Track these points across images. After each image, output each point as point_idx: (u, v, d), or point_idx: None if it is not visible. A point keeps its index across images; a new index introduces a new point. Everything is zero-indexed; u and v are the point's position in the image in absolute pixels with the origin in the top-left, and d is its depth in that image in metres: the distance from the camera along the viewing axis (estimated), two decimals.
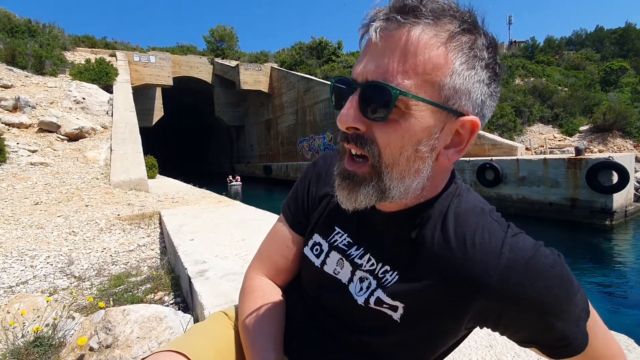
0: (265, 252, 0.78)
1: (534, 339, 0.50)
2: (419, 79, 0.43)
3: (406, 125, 0.45)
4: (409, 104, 0.44)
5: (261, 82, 25.79)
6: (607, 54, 29.74)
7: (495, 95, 0.49)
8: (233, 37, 32.46)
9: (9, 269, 3.37)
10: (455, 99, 0.45)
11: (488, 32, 0.47)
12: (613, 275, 6.16)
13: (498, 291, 0.47)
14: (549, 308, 0.47)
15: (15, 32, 16.85)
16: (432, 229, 0.54)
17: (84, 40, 24.11)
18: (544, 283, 0.46)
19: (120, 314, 1.57)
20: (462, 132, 0.47)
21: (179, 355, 0.61)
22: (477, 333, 1.29)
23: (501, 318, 0.50)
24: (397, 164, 0.47)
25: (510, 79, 20.02)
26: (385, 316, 0.56)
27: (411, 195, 0.51)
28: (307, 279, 0.71)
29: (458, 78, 0.44)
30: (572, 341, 0.49)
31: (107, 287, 2.91)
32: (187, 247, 2.73)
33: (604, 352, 0.52)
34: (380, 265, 0.59)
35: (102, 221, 4.93)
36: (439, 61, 0.43)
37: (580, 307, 0.49)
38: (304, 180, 0.76)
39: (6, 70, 12.05)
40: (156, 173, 12.51)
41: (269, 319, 0.69)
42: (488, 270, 0.47)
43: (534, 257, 0.47)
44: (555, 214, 9.43)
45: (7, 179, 7.01)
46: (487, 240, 0.49)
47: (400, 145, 0.46)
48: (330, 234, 0.68)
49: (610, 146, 14.68)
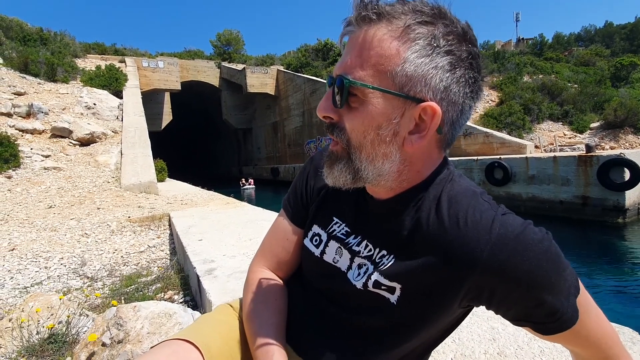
0: (267, 246, 0.81)
1: (525, 316, 0.52)
2: (372, 69, 0.49)
3: (365, 111, 0.51)
4: (365, 92, 0.50)
5: (268, 85, 25.96)
6: (617, 50, 29.29)
7: (465, 81, 0.50)
8: (239, 41, 32.80)
9: (24, 270, 3.47)
10: (410, 86, 0.48)
11: (455, 21, 0.49)
12: (626, 274, 6.05)
13: (489, 265, 0.49)
14: (539, 281, 0.48)
15: (28, 40, 17.27)
16: (426, 212, 0.56)
17: (94, 47, 24.60)
18: (533, 256, 0.48)
19: (131, 310, 1.61)
20: (425, 118, 0.50)
21: (187, 343, 0.64)
22: (480, 326, 1.31)
23: (494, 294, 0.52)
24: (364, 147, 0.53)
25: (518, 77, 19.78)
26: (384, 298, 0.58)
27: (389, 178, 0.55)
28: (308, 269, 0.74)
29: (410, 66, 0.47)
30: (562, 315, 0.50)
31: (118, 287, 2.98)
32: (195, 247, 2.78)
33: (596, 330, 0.54)
34: (378, 250, 0.61)
35: (113, 223, 5.03)
36: (390, 52, 0.48)
37: (569, 282, 0.51)
38: (302, 175, 0.79)
39: (19, 77, 12.36)
40: (165, 176, 12.69)
41: (271, 308, 0.71)
42: (480, 246, 0.50)
43: (523, 232, 0.50)
44: (566, 213, 9.28)
45: (22, 183, 7.20)
46: (479, 219, 0.52)
47: (363, 130, 0.52)
48: (328, 224, 0.70)
49: (622, 143, 14.40)
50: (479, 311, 1.42)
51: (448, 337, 1.30)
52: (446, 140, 0.55)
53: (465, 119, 0.54)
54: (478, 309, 1.44)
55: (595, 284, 5.65)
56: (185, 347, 0.64)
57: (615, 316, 4.26)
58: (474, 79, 0.51)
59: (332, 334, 0.66)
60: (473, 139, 12.58)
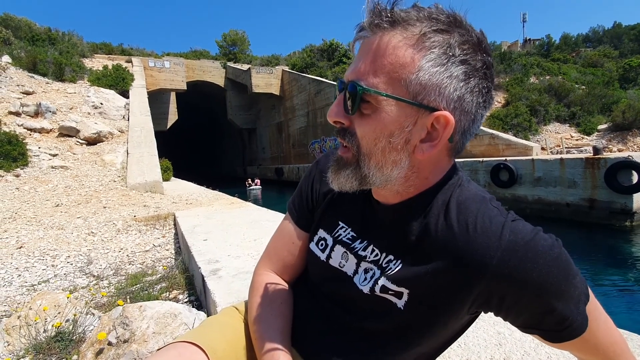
0: (272, 249, 0.82)
1: (534, 323, 0.52)
2: (386, 77, 0.48)
3: (378, 118, 0.50)
4: (378, 100, 0.49)
5: (272, 85, 26.03)
6: (625, 51, 28.91)
7: (478, 91, 0.50)
8: (245, 41, 32.92)
9: (32, 268, 3.51)
10: (424, 94, 0.48)
11: (470, 29, 0.49)
12: (633, 278, 5.97)
13: (499, 272, 0.49)
14: (549, 288, 0.48)
15: (36, 40, 17.47)
16: (435, 217, 0.56)
17: (101, 47, 24.84)
18: (543, 263, 0.48)
19: (137, 310, 1.62)
20: (438, 127, 0.50)
21: (193, 345, 0.65)
22: (486, 331, 1.30)
23: (503, 300, 0.51)
24: (374, 154, 0.52)
25: (525, 78, 19.63)
26: (391, 303, 0.58)
27: (395, 184, 0.55)
28: (314, 273, 0.74)
29: (425, 74, 0.47)
30: (572, 323, 0.50)
31: (124, 285, 3.00)
32: (200, 247, 2.79)
33: (605, 338, 0.53)
34: (384, 255, 0.61)
35: (119, 222, 5.07)
36: (405, 60, 0.47)
37: (579, 290, 0.50)
38: (307, 179, 0.79)
39: (28, 77, 12.51)
40: (171, 176, 12.77)
41: (276, 312, 0.72)
42: (490, 252, 0.49)
43: (533, 239, 0.49)
44: (572, 215, 9.19)
45: (30, 182, 7.28)
46: (488, 225, 0.52)
47: (374, 137, 0.51)
48: (334, 228, 0.70)
49: (630, 145, 14.23)
50: (485, 316, 1.41)
51: (454, 342, 1.29)
52: (456, 149, 0.55)
53: (476, 128, 0.53)
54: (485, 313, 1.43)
55: (602, 288, 5.58)
56: (192, 350, 0.65)
57: (623, 322, 4.21)
58: (487, 88, 0.50)
59: (338, 338, 0.66)
60: (479, 140, 12.51)
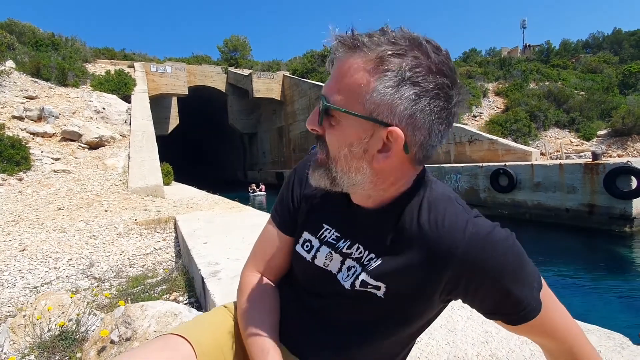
0: (257, 251, 0.87)
1: (496, 308, 0.60)
2: (346, 95, 0.56)
3: (340, 130, 0.58)
4: (340, 114, 0.57)
5: (273, 90, 26.18)
6: (625, 57, 29.03)
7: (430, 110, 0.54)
8: (246, 46, 33.13)
9: (34, 270, 3.56)
10: (378, 111, 0.54)
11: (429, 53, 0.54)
12: (633, 284, 5.99)
13: (464, 259, 0.57)
14: (505, 274, 0.56)
15: (40, 45, 17.62)
16: (409, 217, 0.64)
17: (104, 53, 25.00)
18: (500, 252, 0.57)
19: (139, 309, 1.67)
20: (391, 139, 0.56)
21: (179, 337, 0.71)
22: (474, 330, 1.35)
23: (468, 286, 0.59)
24: (339, 160, 0.60)
25: (524, 83, 19.73)
26: (371, 296, 0.65)
27: (365, 188, 0.62)
28: (300, 273, 0.79)
29: (378, 95, 0.53)
30: (526, 306, 0.57)
31: (125, 287, 3.05)
32: (200, 249, 2.84)
33: (560, 322, 0.61)
34: (367, 253, 0.67)
35: (120, 226, 5.12)
36: (362, 82, 0.54)
37: (532, 277, 0.59)
38: (287, 185, 0.85)
39: (31, 82, 12.63)
40: (171, 180, 12.83)
41: (264, 310, 0.77)
42: (455, 243, 0.58)
43: (492, 232, 0.58)
44: (572, 221, 9.22)
45: (32, 185, 7.35)
46: (455, 221, 0.60)
47: (338, 145, 0.59)
48: (319, 231, 0.76)
49: (630, 150, 14.28)
50: (474, 315, 1.46)
51: (442, 339, 1.35)
52: (418, 158, 0.60)
53: (437, 140, 0.58)
54: (473, 312, 1.48)
55: (602, 294, 5.60)
56: (178, 341, 0.71)
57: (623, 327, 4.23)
58: (440, 107, 0.55)
59: (324, 332, 0.72)
60: (478, 145, 12.57)
